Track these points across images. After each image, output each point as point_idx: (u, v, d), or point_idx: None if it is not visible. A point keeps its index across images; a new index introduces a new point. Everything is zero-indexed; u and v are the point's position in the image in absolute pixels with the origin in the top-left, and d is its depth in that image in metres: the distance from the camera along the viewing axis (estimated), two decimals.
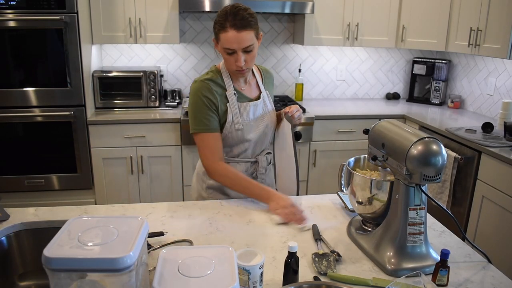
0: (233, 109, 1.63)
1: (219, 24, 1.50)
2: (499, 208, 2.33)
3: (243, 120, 1.65)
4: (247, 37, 1.50)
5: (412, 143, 1.12)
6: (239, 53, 1.52)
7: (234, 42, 1.49)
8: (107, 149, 2.98)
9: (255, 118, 1.69)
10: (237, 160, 1.71)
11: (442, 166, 1.12)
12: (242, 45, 1.50)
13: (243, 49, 1.52)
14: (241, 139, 1.66)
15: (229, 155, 1.71)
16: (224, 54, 1.54)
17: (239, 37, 1.48)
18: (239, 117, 1.64)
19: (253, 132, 1.68)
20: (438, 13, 3.21)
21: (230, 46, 1.50)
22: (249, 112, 1.66)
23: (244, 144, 1.68)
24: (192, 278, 0.86)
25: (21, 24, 2.68)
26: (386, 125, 1.29)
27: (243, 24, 1.48)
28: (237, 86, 1.68)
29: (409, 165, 1.12)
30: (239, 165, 1.72)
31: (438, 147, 1.12)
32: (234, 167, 1.67)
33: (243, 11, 1.50)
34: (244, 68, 1.56)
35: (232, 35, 1.48)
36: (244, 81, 1.70)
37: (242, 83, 1.70)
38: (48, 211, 1.48)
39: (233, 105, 1.63)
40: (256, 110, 1.69)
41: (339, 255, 1.23)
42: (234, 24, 1.47)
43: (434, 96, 3.67)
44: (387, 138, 1.24)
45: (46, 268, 0.84)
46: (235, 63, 1.54)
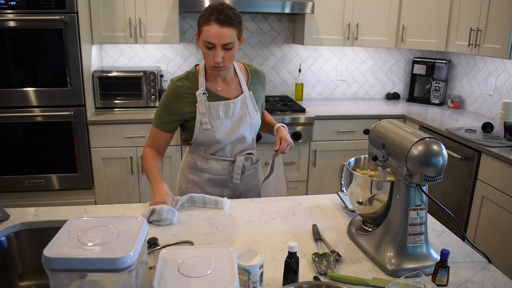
0: (200, 108, 1.64)
1: (204, 18, 1.53)
2: (499, 208, 2.33)
3: (212, 120, 1.65)
4: (229, 34, 1.51)
5: (413, 143, 1.12)
6: (218, 49, 1.52)
7: (215, 37, 1.50)
8: (107, 149, 2.97)
9: (228, 117, 1.68)
10: (214, 158, 1.74)
11: (442, 166, 1.12)
12: (222, 40, 1.51)
13: (223, 45, 1.52)
14: (212, 138, 1.67)
15: (206, 152, 1.74)
16: (204, 48, 1.55)
17: (221, 32, 1.50)
18: (207, 116, 1.65)
19: (226, 132, 1.68)
20: (438, 13, 3.21)
21: (210, 40, 1.51)
22: (218, 111, 1.66)
23: (217, 144, 1.69)
24: (192, 278, 0.86)
25: (21, 24, 2.68)
26: (387, 125, 1.29)
27: (226, 20, 1.50)
28: (212, 85, 1.68)
29: (409, 165, 1.12)
30: (216, 162, 1.74)
31: (439, 147, 1.12)
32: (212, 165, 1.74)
33: (228, 9, 1.52)
34: (221, 65, 1.56)
35: (214, 29, 1.49)
36: (223, 81, 1.69)
37: (219, 82, 1.69)
38: (48, 211, 1.48)
39: (201, 104, 1.64)
40: (228, 110, 1.68)
41: (339, 255, 1.23)
42: (218, 19, 1.49)
43: (434, 96, 3.67)
44: (387, 138, 1.24)
45: (46, 268, 0.84)
46: (212, 59, 1.55)
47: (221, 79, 1.69)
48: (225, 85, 1.70)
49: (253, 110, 1.74)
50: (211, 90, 1.67)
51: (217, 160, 1.74)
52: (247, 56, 3.62)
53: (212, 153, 1.73)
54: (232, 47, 1.55)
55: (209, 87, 1.68)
